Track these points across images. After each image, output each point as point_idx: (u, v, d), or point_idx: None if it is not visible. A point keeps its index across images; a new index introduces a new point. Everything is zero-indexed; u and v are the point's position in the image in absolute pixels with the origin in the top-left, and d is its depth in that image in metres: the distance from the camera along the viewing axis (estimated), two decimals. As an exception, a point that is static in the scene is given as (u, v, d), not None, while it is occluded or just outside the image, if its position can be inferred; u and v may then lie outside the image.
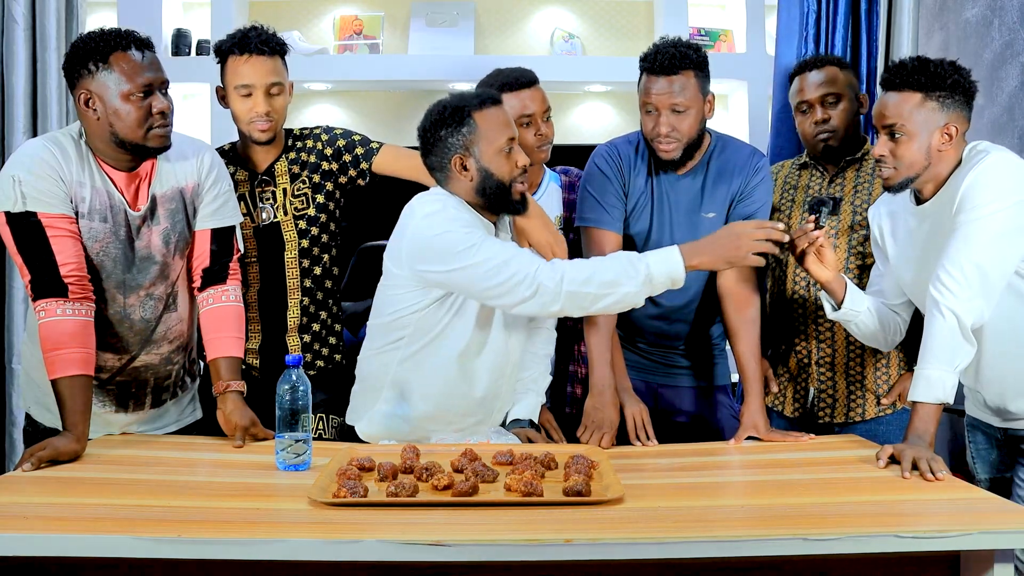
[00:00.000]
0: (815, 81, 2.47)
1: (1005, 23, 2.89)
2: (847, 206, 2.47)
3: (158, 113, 2.02)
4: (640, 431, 2.25)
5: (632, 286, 1.98)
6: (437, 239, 2.03)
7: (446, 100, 2.13)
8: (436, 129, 2.10)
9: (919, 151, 1.99)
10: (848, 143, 2.50)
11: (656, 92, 2.23)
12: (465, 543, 1.47)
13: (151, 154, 2.08)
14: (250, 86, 2.35)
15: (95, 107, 2.00)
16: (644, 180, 2.38)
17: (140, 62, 2.01)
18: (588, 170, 2.43)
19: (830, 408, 2.49)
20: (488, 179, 2.08)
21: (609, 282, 1.98)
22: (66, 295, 1.99)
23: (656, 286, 2.00)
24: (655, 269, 1.98)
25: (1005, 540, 1.52)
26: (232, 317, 2.24)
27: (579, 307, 2.02)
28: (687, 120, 2.25)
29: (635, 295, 1.99)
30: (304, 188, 2.45)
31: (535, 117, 2.45)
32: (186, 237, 2.19)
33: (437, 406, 2.17)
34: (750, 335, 2.31)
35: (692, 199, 2.36)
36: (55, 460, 1.91)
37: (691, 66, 2.24)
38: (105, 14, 3.74)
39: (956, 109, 1.98)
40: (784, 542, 1.49)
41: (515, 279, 1.98)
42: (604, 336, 2.29)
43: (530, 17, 3.97)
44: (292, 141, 2.49)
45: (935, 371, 1.91)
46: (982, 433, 2.18)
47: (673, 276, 1.99)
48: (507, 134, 2.09)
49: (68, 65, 2.02)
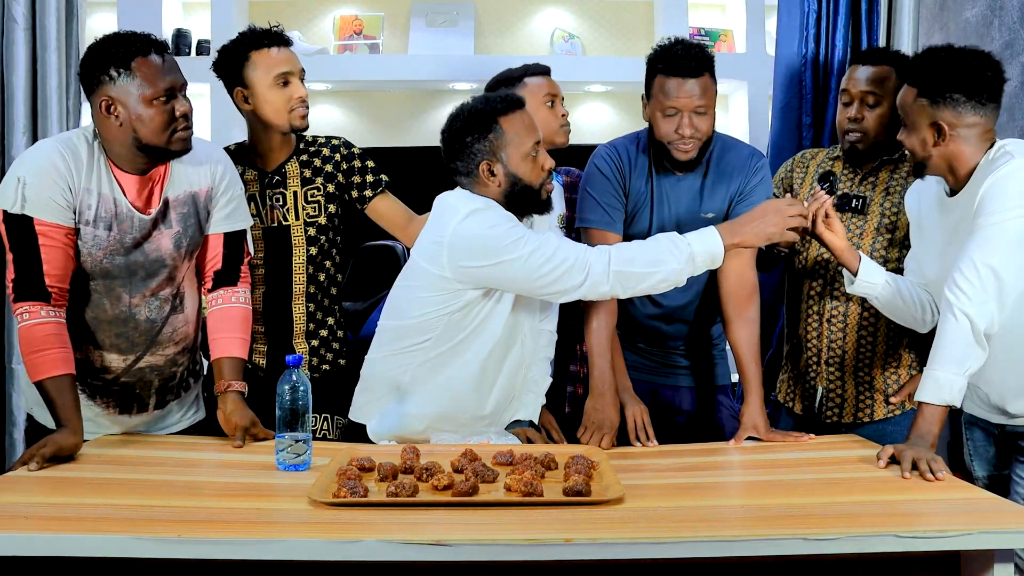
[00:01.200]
0: (863, 76, 2.42)
1: (1005, 23, 2.89)
2: (875, 207, 2.44)
3: (181, 116, 2.02)
4: (640, 431, 2.25)
5: (676, 263, 2.02)
6: (487, 233, 2.02)
7: (470, 105, 2.12)
8: (462, 135, 2.10)
9: (917, 144, 2.02)
10: (885, 144, 2.44)
11: (681, 94, 2.22)
12: (465, 543, 1.47)
13: (172, 157, 2.08)
14: (289, 73, 2.39)
15: (117, 113, 1.99)
16: (644, 181, 2.38)
17: (162, 66, 2.01)
18: (588, 171, 2.44)
19: (838, 408, 2.49)
20: (516, 184, 2.10)
21: (654, 260, 2.02)
22: (48, 300, 2.00)
23: (698, 264, 2.03)
24: (696, 247, 2.02)
25: (1005, 540, 1.52)
26: (239, 318, 2.24)
27: (627, 287, 2.05)
28: (707, 121, 2.26)
29: (679, 272, 2.03)
30: (318, 195, 2.45)
31: (557, 98, 2.57)
32: (197, 240, 2.19)
33: (454, 407, 2.16)
34: (749, 334, 2.31)
35: (692, 199, 2.36)
36: (57, 456, 1.92)
37: (710, 67, 2.26)
38: (105, 14, 3.74)
39: (953, 107, 1.97)
40: (784, 542, 1.49)
41: (566, 264, 2.01)
42: (604, 336, 2.29)
43: (530, 17, 3.97)
44: (304, 144, 2.50)
45: (944, 373, 1.91)
46: (980, 430, 2.18)
47: (713, 254, 2.03)
48: (533, 138, 2.10)
49: (85, 71, 2.02)
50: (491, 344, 2.13)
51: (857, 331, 2.44)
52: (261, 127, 2.43)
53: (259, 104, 2.39)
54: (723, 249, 2.03)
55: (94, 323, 2.11)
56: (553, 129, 2.54)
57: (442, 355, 2.12)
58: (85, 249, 2.05)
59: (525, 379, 2.26)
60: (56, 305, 2.02)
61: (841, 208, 2.44)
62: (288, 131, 2.43)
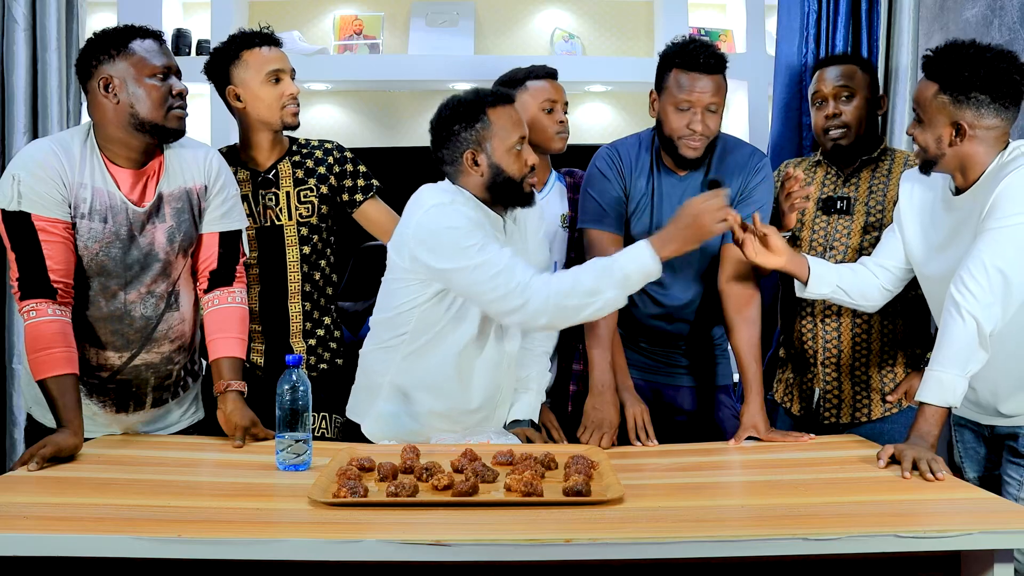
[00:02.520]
0: (832, 75, 2.49)
1: (1005, 23, 2.89)
2: (860, 207, 2.47)
3: (177, 94, 2.08)
4: (640, 431, 2.26)
5: (611, 291, 1.99)
6: (442, 233, 2.03)
7: (461, 95, 2.15)
8: (450, 123, 2.12)
9: (932, 140, 1.99)
10: (863, 143, 2.49)
11: (696, 90, 2.24)
12: (465, 543, 1.47)
13: (168, 137, 2.10)
14: (280, 70, 2.42)
15: (115, 91, 2.03)
16: (646, 181, 2.39)
17: (158, 48, 2.08)
18: (589, 172, 2.45)
19: (836, 410, 2.49)
20: (499, 175, 2.11)
21: (590, 291, 1.99)
22: (54, 297, 2.01)
23: (633, 284, 2.01)
24: (629, 268, 1.99)
25: (1005, 540, 1.52)
26: (236, 318, 2.24)
27: (565, 319, 2.04)
28: (716, 120, 2.28)
29: (616, 298, 2.01)
30: (311, 196, 2.47)
31: (558, 104, 2.55)
32: (191, 237, 2.20)
33: (439, 404, 2.17)
34: (750, 335, 2.31)
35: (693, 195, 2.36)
36: (57, 457, 1.92)
37: (725, 68, 2.28)
38: (105, 14, 3.74)
39: (976, 107, 1.94)
40: (784, 542, 1.49)
41: (506, 288, 1.99)
42: (604, 336, 2.29)
43: (530, 17, 3.96)
44: (296, 146, 2.52)
45: (947, 374, 1.90)
46: (970, 431, 2.19)
47: (646, 270, 2.00)
48: (519, 132, 2.12)
49: (83, 59, 2.06)
50: (467, 337, 2.14)
51: (852, 330, 2.45)
52: (253, 126, 2.45)
53: (251, 101, 2.41)
54: (656, 262, 2.00)
55: (89, 320, 2.12)
56: (548, 136, 2.53)
57: (420, 349, 2.15)
58: (81, 243, 2.06)
59: (511, 371, 2.26)
60: (62, 303, 2.03)
61: (827, 211, 2.47)
62: (280, 129, 2.44)
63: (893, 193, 2.42)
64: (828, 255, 2.47)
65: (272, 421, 1.94)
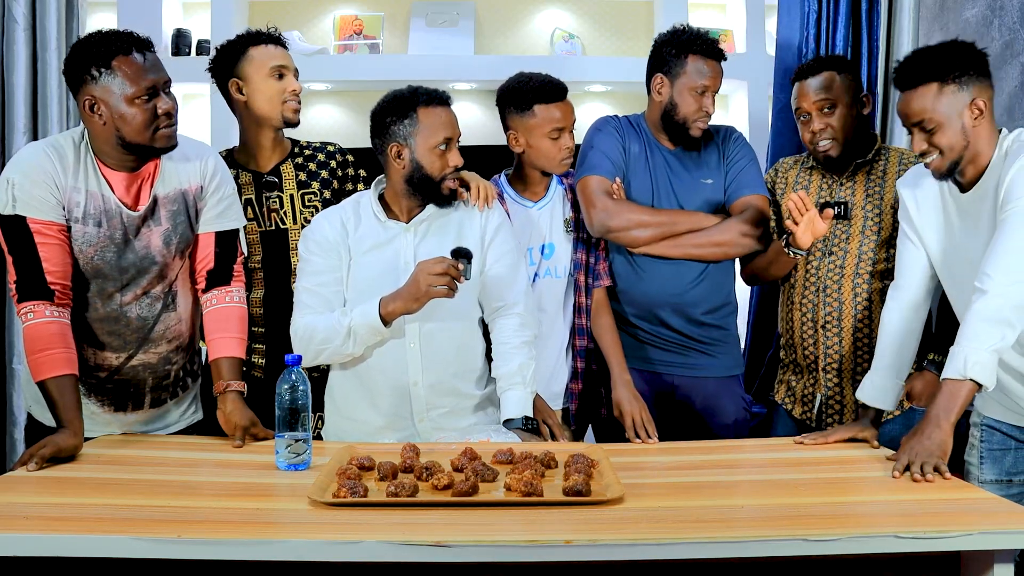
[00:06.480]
0: (811, 88, 2.45)
1: (1005, 23, 2.89)
2: (858, 211, 2.46)
3: (163, 114, 2.03)
4: (640, 429, 2.26)
5: (338, 341, 2.15)
6: (305, 232, 2.28)
7: (400, 90, 2.24)
8: (383, 115, 2.23)
9: (955, 134, 1.98)
10: (855, 145, 2.48)
11: (715, 74, 2.49)
12: (465, 543, 1.47)
13: (157, 154, 2.09)
14: (284, 67, 2.44)
15: (100, 112, 2.00)
16: (640, 148, 2.55)
17: (142, 64, 2.00)
18: (589, 134, 2.60)
19: (838, 414, 2.49)
20: (418, 171, 2.20)
21: (325, 339, 2.17)
22: (51, 299, 2.01)
23: (360, 337, 2.15)
24: (355, 322, 2.14)
25: (1005, 540, 1.52)
26: (235, 318, 2.24)
27: (311, 359, 2.20)
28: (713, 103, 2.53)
29: (343, 347, 2.16)
30: (315, 200, 2.48)
31: (565, 130, 2.47)
32: (187, 238, 2.20)
33: (365, 413, 2.26)
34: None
35: (689, 168, 2.54)
36: (56, 457, 1.92)
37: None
38: (105, 14, 3.74)
39: (974, 83, 1.97)
40: (785, 543, 1.49)
41: (293, 312, 2.24)
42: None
43: (530, 17, 3.97)
44: (298, 148, 2.52)
45: (963, 348, 1.86)
46: (1002, 435, 2.14)
47: (372, 325, 2.12)
48: (445, 134, 2.19)
49: (68, 70, 2.03)
50: None
51: (852, 335, 2.45)
52: (253, 123, 2.45)
53: (252, 94, 2.42)
54: (379, 319, 2.10)
55: (87, 321, 2.12)
56: (553, 163, 2.47)
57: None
58: (76, 247, 2.06)
59: (417, 385, 2.22)
60: (60, 304, 2.03)
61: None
62: (280, 125, 2.45)
63: (890, 194, 2.42)
64: (828, 259, 2.47)
65: (272, 422, 1.93)
